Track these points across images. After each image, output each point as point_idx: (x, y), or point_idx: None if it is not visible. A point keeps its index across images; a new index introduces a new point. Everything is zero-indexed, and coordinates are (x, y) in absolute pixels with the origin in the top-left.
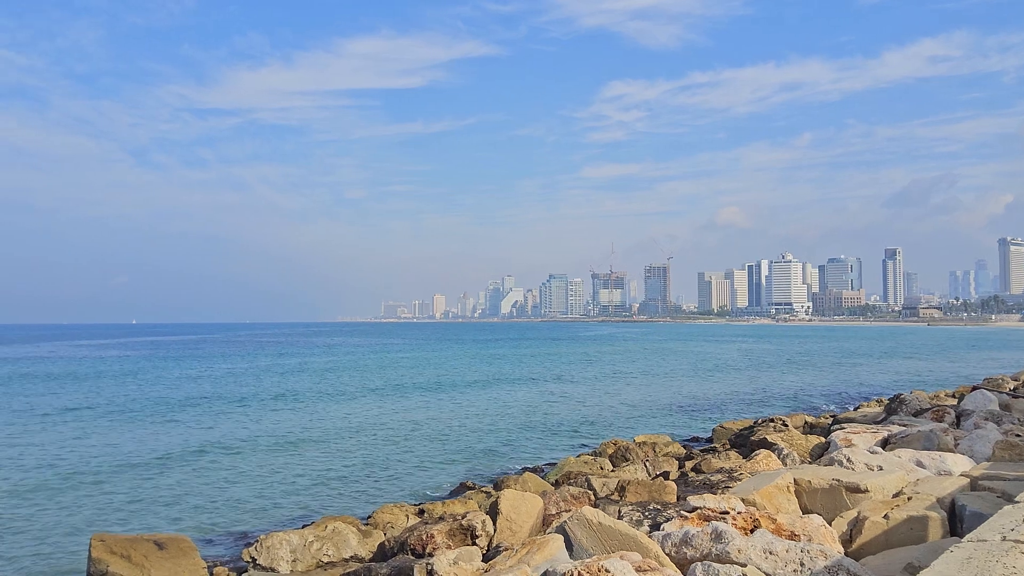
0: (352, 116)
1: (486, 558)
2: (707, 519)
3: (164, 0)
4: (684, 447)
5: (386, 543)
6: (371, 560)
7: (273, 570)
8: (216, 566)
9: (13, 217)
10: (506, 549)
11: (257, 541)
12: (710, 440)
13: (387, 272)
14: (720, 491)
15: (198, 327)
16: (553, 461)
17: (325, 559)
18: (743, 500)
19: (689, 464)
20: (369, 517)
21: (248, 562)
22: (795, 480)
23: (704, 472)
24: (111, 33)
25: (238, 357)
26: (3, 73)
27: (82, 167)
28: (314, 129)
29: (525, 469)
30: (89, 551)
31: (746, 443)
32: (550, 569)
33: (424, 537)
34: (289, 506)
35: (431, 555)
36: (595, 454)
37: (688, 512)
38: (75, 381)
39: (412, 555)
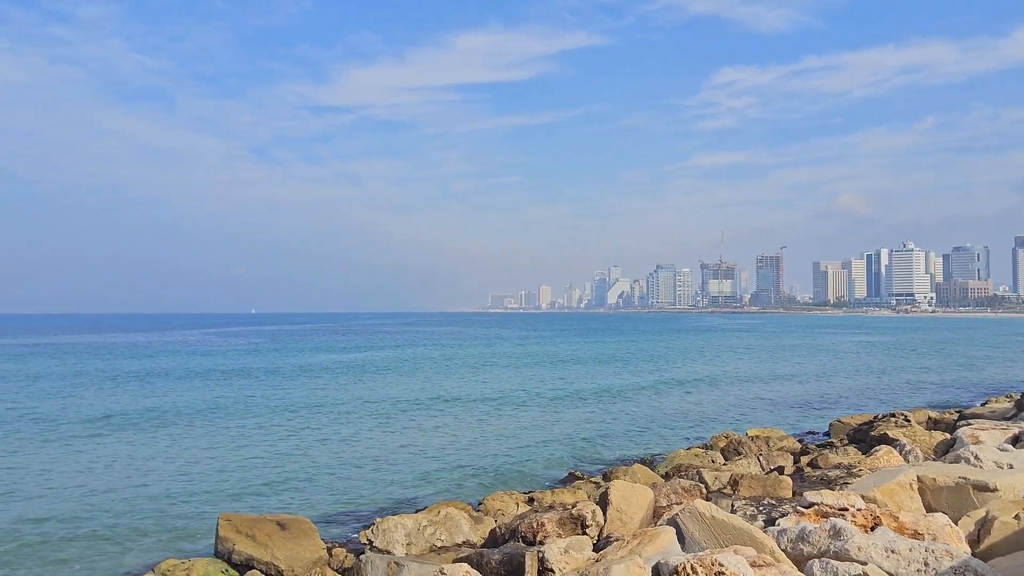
0: (459, 110)
1: (596, 548)
2: (825, 515)
3: (283, 2)
4: (799, 442)
5: (497, 530)
6: (483, 546)
7: (389, 552)
8: (335, 547)
9: (144, 212)
10: (616, 540)
11: (374, 524)
12: (827, 435)
13: (493, 263)
14: (838, 487)
15: (313, 316)
16: (662, 453)
17: (438, 543)
18: (863, 497)
19: (805, 459)
20: (480, 503)
21: (365, 544)
22: (918, 477)
23: (821, 468)
24: (234, 35)
25: (356, 346)
26: (135, 75)
27: (208, 164)
28: (422, 124)
29: (634, 460)
30: (216, 530)
31: (865, 438)
32: (662, 561)
33: (535, 525)
34: (402, 490)
35: (542, 543)
36: (706, 447)
37: (804, 508)
38: (205, 360)
39: (523, 542)
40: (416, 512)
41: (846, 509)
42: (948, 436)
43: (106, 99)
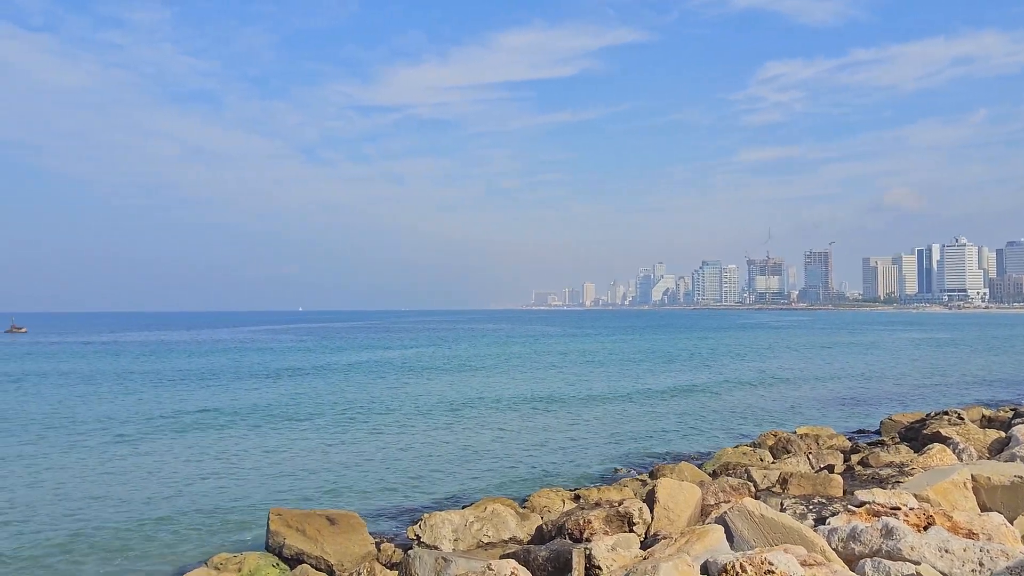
0: (505, 108)
1: (643, 546)
2: (876, 515)
3: (329, 3)
4: (849, 440)
5: (544, 526)
6: (529, 543)
7: (436, 548)
8: (383, 542)
9: (195, 212)
10: (664, 538)
11: (421, 519)
12: (877, 433)
13: (537, 260)
14: (890, 486)
15: (359, 315)
16: (709, 451)
17: (485, 539)
18: (915, 496)
19: (855, 458)
20: (526, 500)
21: (413, 539)
22: (972, 476)
23: (872, 466)
24: (281, 37)
25: (402, 344)
26: (185, 78)
27: (256, 164)
28: (468, 122)
29: (680, 458)
30: (267, 524)
31: (917, 437)
32: (711, 559)
33: (581, 522)
34: (448, 486)
35: (588, 540)
36: (754, 445)
37: (856, 507)
38: (256, 359)
39: (569, 539)
40: (463, 508)
41: (898, 508)
42: (1003, 434)
43: (157, 101)
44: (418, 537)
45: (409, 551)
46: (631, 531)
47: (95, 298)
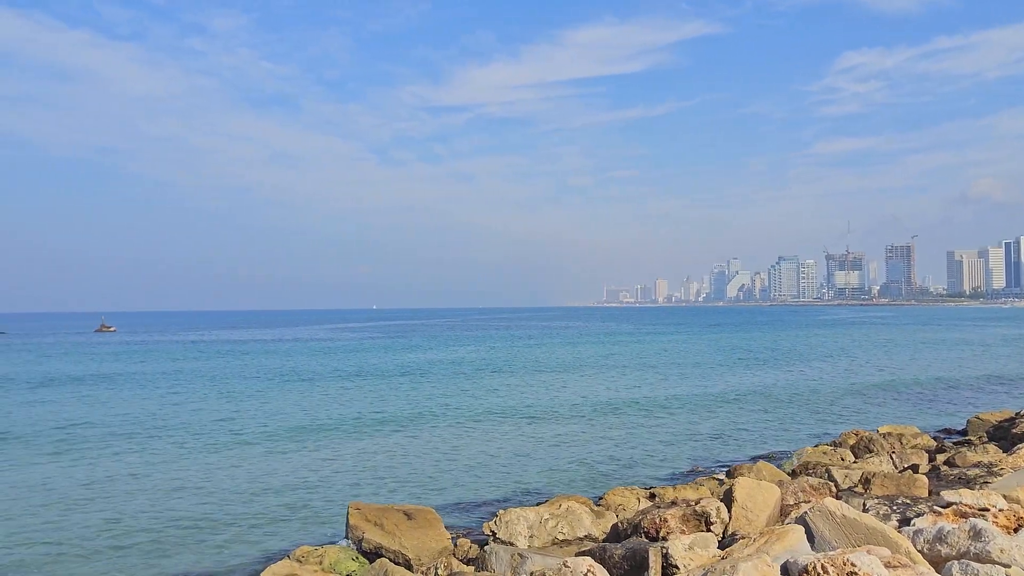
0: (575, 105)
1: (721, 545)
2: (964, 516)
3: (402, 5)
4: (934, 439)
5: (619, 524)
6: (604, 540)
7: (511, 544)
8: (459, 537)
9: (274, 212)
10: (742, 537)
11: (496, 516)
12: (963, 432)
13: (609, 257)
14: (978, 487)
15: (431, 312)
16: (788, 450)
17: (560, 536)
18: (1005, 497)
19: (941, 457)
20: (600, 498)
21: (488, 535)
22: None
23: (958, 466)
24: (355, 40)
25: (475, 341)
26: (265, 83)
27: (332, 165)
28: (539, 119)
29: (758, 458)
30: (347, 518)
31: (1007, 436)
32: (791, 560)
33: (657, 521)
34: (522, 483)
35: (665, 539)
36: (834, 444)
37: (942, 508)
38: (336, 359)
39: (645, 538)
40: (538, 505)
41: (987, 509)
42: None
43: (237, 106)
44: (494, 533)
45: (485, 547)
46: (708, 530)
47: (178, 298)
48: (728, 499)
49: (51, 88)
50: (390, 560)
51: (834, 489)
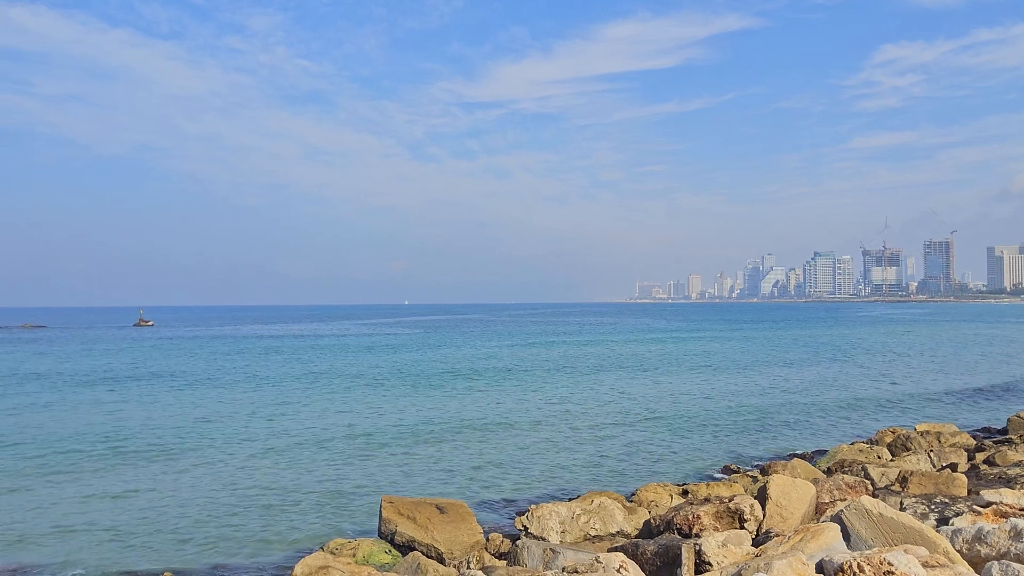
0: (608, 100)
1: (755, 543)
2: (1004, 515)
3: (436, 3)
4: (974, 438)
5: (652, 521)
6: (637, 536)
7: (543, 539)
8: (491, 531)
9: (310, 208)
10: (777, 535)
11: (528, 510)
12: (1004, 431)
13: (642, 253)
14: (1019, 486)
15: (463, 308)
16: (823, 448)
17: (592, 532)
18: None
19: (980, 456)
20: (633, 494)
21: (520, 530)
22: None
23: (999, 465)
24: (389, 37)
25: (508, 338)
26: (301, 80)
27: (367, 162)
28: (571, 115)
29: (792, 455)
30: (380, 511)
31: None
32: (826, 559)
33: (691, 517)
34: (554, 478)
35: (698, 536)
36: (871, 442)
37: (982, 507)
38: (372, 353)
39: (678, 534)
40: (569, 500)
41: None
42: None
43: (274, 103)
44: (525, 528)
45: (517, 541)
46: (742, 528)
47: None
48: (762, 496)
49: (93, 87)
50: (423, 553)
51: (870, 487)
